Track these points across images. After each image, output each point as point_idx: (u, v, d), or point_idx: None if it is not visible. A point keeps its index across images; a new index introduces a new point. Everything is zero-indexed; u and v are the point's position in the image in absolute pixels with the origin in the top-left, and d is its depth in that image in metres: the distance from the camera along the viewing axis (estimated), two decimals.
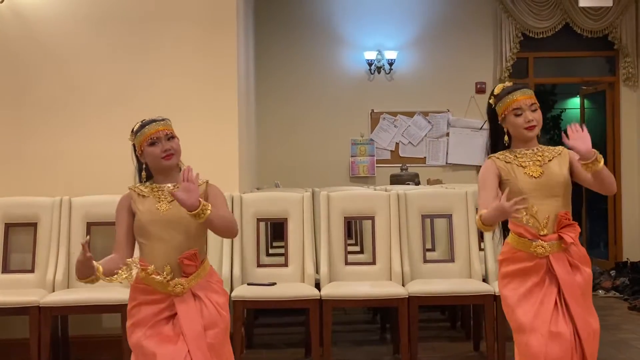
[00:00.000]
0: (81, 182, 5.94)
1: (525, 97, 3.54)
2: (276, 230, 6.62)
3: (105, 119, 6.04)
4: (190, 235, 3.40)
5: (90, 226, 5.67)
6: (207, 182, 3.53)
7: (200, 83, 6.03)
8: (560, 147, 3.61)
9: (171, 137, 3.50)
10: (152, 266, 3.34)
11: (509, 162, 3.53)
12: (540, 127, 3.58)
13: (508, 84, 3.66)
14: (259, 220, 5.77)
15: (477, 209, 3.79)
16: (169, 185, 3.41)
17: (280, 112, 10.33)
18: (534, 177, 3.48)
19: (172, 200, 3.40)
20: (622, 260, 9.82)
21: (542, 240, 3.44)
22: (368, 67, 10.36)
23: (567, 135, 3.35)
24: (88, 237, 3.37)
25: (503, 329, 5.25)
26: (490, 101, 3.64)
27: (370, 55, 10.32)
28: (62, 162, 6.02)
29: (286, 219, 5.75)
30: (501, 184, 3.52)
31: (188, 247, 3.40)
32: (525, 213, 3.43)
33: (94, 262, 3.26)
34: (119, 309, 5.19)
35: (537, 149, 3.58)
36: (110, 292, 5.27)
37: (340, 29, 10.40)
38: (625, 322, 7.17)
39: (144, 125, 3.52)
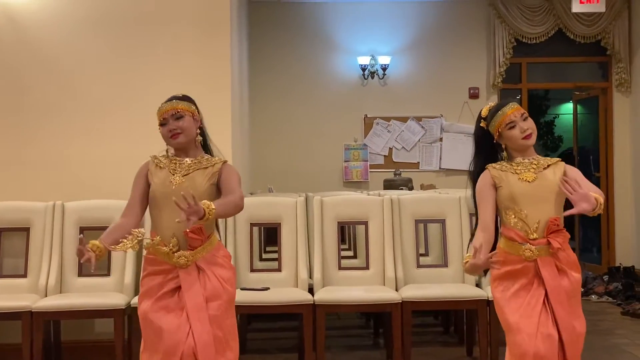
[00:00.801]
0: (74, 187, 5.92)
1: (514, 110, 3.62)
2: (269, 235, 6.61)
3: (99, 123, 6.03)
4: None
5: (83, 231, 5.63)
6: (224, 162, 3.65)
7: (194, 86, 5.96)
8: (556, 158, 3.69)
9: (179, 116, 3.58)
10: (158, 237, 3.47)
11: (504, 171, 3.61)
12: (536, 133, 3.66)
13: (491, 104, 3.75)
14: (252, 225, 5.76)
15: (472, 232, 3.84)
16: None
17: (274, 117, 10.33)
18: (528, 181, 3.55)
19: (185, 174, 3.53)
20: (615, 265, 9.83)
21: (530, 244, 3.52)
22: (361, 72, 10.37)
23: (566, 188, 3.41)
24: (81, 235, 3.44)
25: (496, 333, 5.25)
26: (481, 124, 3.73)
27: (364, 60, 10.33)
28: (55, 167, 5.99)
29: (279, 223, 5.74)
30: (497, 190, 3.60)
31: (195, 221, 3.43)
32: (513, 216, 3.54)
33: (92, 253, 3.39)
34: (112, 314, 5.20)
35: (533, 158, 3.66)
36: (103, 297, 5.28)
37: (333, 33, 10.41)
38: (618, 327, 7.18)
39: (159, 107, 3.65)
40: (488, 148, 3.72)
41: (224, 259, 3.60)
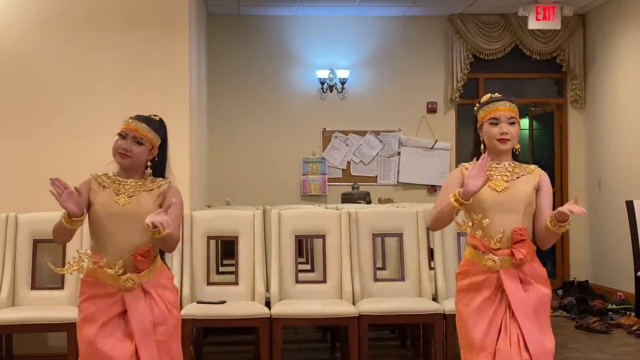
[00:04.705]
0: (27, 199, 5.83)
1: (505, 109, 3.53)
2: (227, 248, 6.57)
3: (52, 133, 5.95)
4: (145, 231, 3.32)
5: (36, 243, 5.57)
6: (169, 182, 3.55)
7: (152, 97, 5.95)
8: (533, 166, 3.58)
9: (140, 142, 3.48)
10: (104, 259, 3.36)
11: None
12: (515, 142, 3.54)
13: (497, 94, 3.62)
14: (209, 238, 5.72)
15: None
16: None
17: (232, 130, 10.29)
18: (497, 190, 3.44)
19: (131, 195, 3.44)
20: (569, 280, 9.95)
21: (493, 254, 3.40)
22: (320, 86, 10.38)
23: None
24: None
25: (452, 347, 5.27)
26: (475, 108, 3.62)
27: (323, 74, 10.34)
28: (8, 178, 5.91)
29: (237, 236, 5.71)
30: None
31: (142, 244, 3.40)
32: (470, 224, 3.41)
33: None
34: (65, 327, 5.11)
35: (509, 164, 3.54)
36: (56, 310, 5.20)
37: (292, 47, 10.41)
38: (572, 341, 7.25)
39: (133, 117, 3.54)
40: (477, 135, 3.60)
41: (168, 281, 3.53)
